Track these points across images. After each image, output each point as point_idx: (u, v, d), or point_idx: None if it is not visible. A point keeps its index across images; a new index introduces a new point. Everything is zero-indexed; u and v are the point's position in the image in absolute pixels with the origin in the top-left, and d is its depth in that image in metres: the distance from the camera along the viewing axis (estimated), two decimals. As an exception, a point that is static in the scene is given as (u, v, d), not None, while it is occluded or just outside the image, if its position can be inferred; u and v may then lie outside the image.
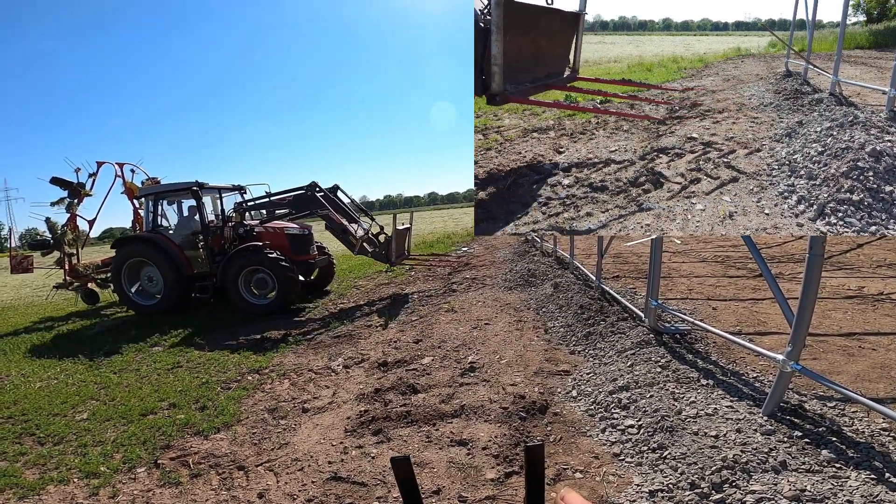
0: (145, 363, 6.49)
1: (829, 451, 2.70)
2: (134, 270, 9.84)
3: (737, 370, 4.05)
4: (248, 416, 4.54)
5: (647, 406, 3.59)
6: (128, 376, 5.98)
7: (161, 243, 9.44)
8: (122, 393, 5.39)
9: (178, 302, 9.51)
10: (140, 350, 7.17)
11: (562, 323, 5.95)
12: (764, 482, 2.51)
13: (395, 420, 3.99)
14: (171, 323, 8.51)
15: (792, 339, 3.14)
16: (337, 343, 6.61)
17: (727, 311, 5.72)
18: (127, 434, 4.32)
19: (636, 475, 2.93)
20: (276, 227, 9.58)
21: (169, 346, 7.23)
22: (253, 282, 9.00)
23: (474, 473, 3.13)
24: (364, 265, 13.12)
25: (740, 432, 3.03)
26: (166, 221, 10.35)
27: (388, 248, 9.32)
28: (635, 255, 9.79)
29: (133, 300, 9.79)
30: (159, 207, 10.07)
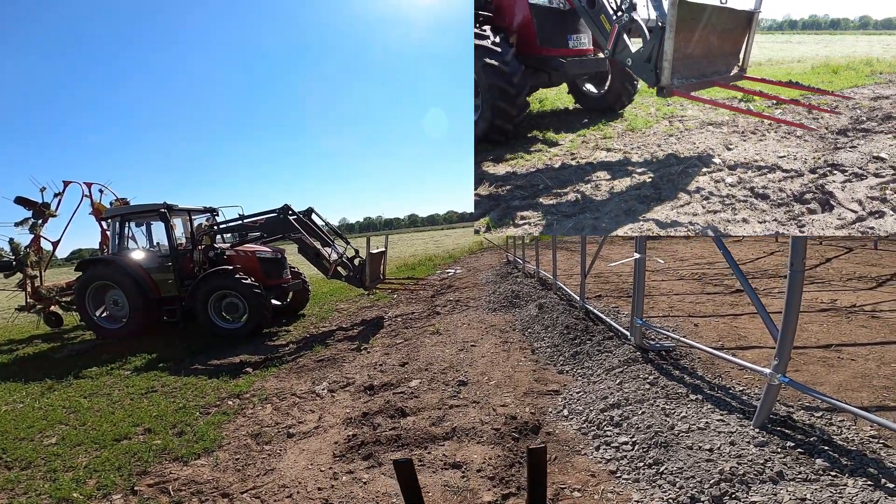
0: (117, 387, 6.19)
1: (823, 459, 2.75)
2: (99, 293, 9.47)
3: (723, 384, 4.11)
4: (230, 441, 4.34)
5: (640, 422, 3.59)
6: (98, 401, 5.69)
7: (126, 266, 9.14)
8: (93, 417, 5.12)
9: (145, 326, 9.18)
10: (110, 374, 6.85)
11: (548, 343, 5.95)
12: (763, 493, 2.53)
13: (385, 444, 3.87)
14: (142, 347, 8.17)
15: (778, 352, 3.22)
16: (320, 367, 6.44)
17: (708, 327, 5.84)
18: (100, 459, 4.09)
19: (634, 492, 2.91)
20: (248, 250, 9.40)
21: (141, 371, 6.91)
22: (223, 306, 8.76)
23: (471, 496, 3.05)
24: (344, 289, 12.93)
25: (734, 445, 3.05)
26: (134, 243, 10.03)
27: (362, 272, 9.23)
28: (615, 274, 9.97)
29: (97, 324, 9.40)
30: (126, 229, 9.77)
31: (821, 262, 9.55)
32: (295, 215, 9.09)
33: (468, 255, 22.35)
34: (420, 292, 11.31)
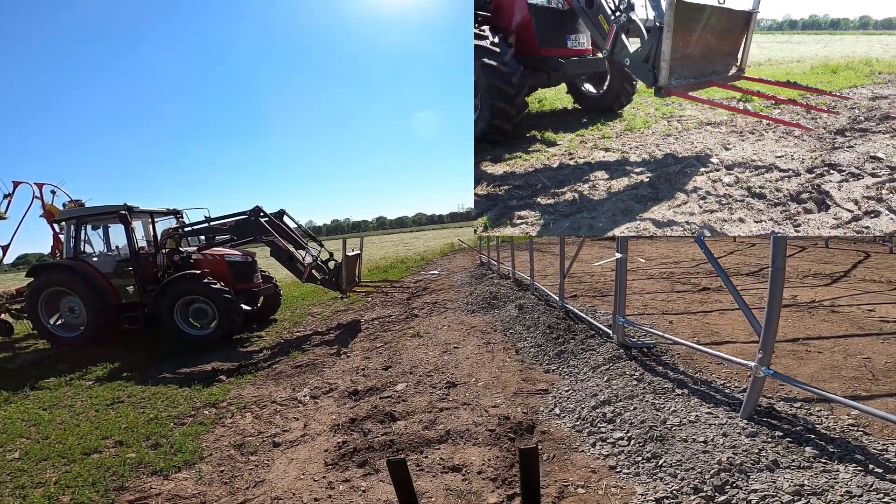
0: (79, 398, 5.82)
1: (812, 447, 2.88)
2: (53, 300, 8.87)
3: (704, 378, 4.25)
4: (212, 452, 4.15)
5: (633, 418, 3.67)
6: (60, 413, 5.34)
7: (83, 271, 8.61)
8: (56, 431, 4.80)
9: (105, 334, 8.67)
10: (70, 384, 6.44)
11: (531, 343, 6.01)
12: (762, 481, 2.62)
13: (379, 450, 3.79)
14: (102, 356, 7.71)
15: (762, 346, 3.36)
16: (299, 373, 6.26)
17: (682, 324, 6.04)
18: (71, 475, 3.83)
19: (637, 485, 2.96)
20: (216, 253, 9.06)
21: (104, 381, 6.52)
22: (191, 312, 8.38)
23: (475, 499, 3.02)
24: (317, 292, 12.65)
25: (726, 436, 3.16)
26: (90, 247, 9.46)
27: (338, 276, 9.06)
28: (588, 274, 10.20)
29: (52, 332, 8.81)
30: (82, 232, 9.19)
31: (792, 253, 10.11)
32: (267, 217, 8.82)
33: (440, 257, 22.36)
34: (395, 295, 11.20)
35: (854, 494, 2.39)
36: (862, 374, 4.05)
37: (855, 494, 2.39)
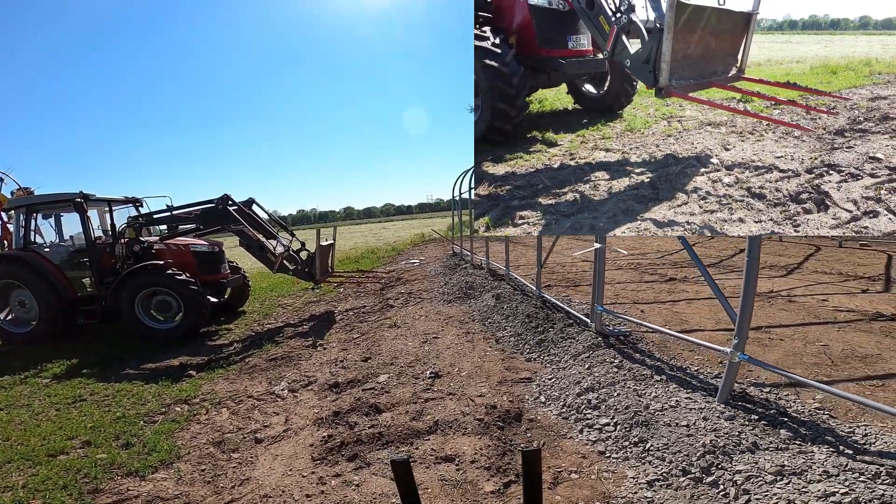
0: (37, 397, 5.47)
1: (786, 430, 3.06)
2: (2, 294, 8.29)
3: (679, 365, 4.43)
4: (190, 451, 3.99)
5: (617, 404, 3.79)
6: (18, 413, 5.00)
7: (35, 263, 8.06)
8: (16, 432, 4.49)
9: (59, 329, 8.19)
10: (25, 383, 6.05)
11: (511, 332, 6.09)
12: (745, 462, 2.77)
13: (367, 443, 3.76)
14: (58, 353, 7.27)
15: (737, 332, 3.53)
16: (274, 366, 6.10)
17: (653, 313, 6.26)
18: (38, 478, 3.59)
19: (627, 469, 3.07)
20: (181, 243, 8.68)
21: (62, 378, 6.15)
22: (153, 304, 8.00)
23: (472, 489, 3.05)
24: (286, 283, 12.34)
25: (707, 420, 3.31)
26: (41, 238, 8.86)
27: (311, 266, 8.87)
28: (559, 265, 10.40)
29: (2, 328, 8.24)
30: (32, 221, 8.59)
31: (735, 252, 10.61)
32: (235, 206, 8.49)
33: (412, 248, 22.24)
34: (368, 285, 11.08)
35: (831, 474, 2.55)
36: (822, 360, 4.31)
37: (832, 474, 2.55)
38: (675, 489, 2.76)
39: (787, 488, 2.53)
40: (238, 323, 8.98)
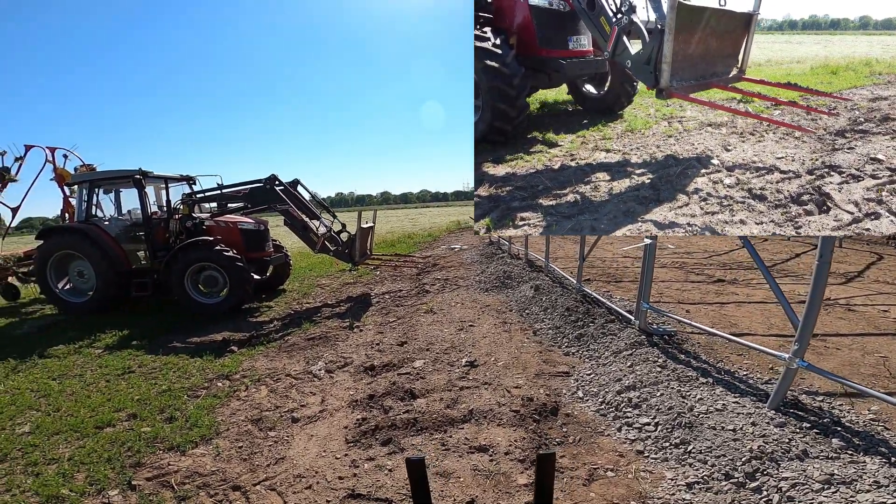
0: (89, 368, 5.76)
1: (839, 439, 2.88)
2: (62, 264, 8.81)
3: (727, 368, 4.23)
4: (229, 427, 4.10)
5: (659, 404, 3.65)
6: (71, 383, 5.27)
7: (95, 235, 8.52)
8: (67, 402, 4.73)
9: (113, 300, 8.66)
10: (79, 353, 6.37)
11: (549, 325, 5.98)
12: (793, 469, 2.63)
13: (402, 428, 3.78)
14: (111, 323, 7.67)
15: (798, 338, 3.31)
16: (312, 346, 6.23)
17: (699, 314, 6.00)
18: (85, 450, 3.76)
19: (666, 470, 2.96)
20: (229, 221, 8.97)
21: (114, 349, 6.48)
22: (201, 279, 8.33)
23: (504, 480, 3.02)
24: (324, 263, 12.59)
25: (755, 425, 3.14)
26: (101, 212, 9.36)
27: (351, 247, 9.00)
28: (599, 259, 10.13)
29: (60, 297, 8.76)
30: (94, 196, 9.08)
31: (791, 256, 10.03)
32: (282, 186, 8.69)
33: (447, 234, 22.28)
34: (404, 270, 11.15)
35: (882, 485, 2.42)
36: (880, 371, 4.04)
37: (882, 485, 2.42)
38: (715, 493, 2.64)
39: (835, 497, 2.41)
40: (278, 301, 9.23)
